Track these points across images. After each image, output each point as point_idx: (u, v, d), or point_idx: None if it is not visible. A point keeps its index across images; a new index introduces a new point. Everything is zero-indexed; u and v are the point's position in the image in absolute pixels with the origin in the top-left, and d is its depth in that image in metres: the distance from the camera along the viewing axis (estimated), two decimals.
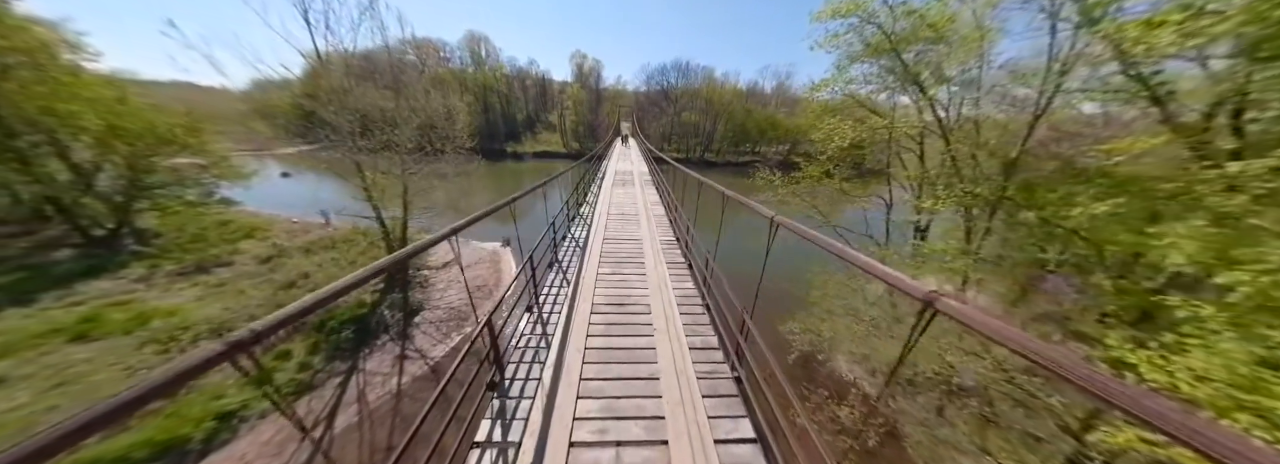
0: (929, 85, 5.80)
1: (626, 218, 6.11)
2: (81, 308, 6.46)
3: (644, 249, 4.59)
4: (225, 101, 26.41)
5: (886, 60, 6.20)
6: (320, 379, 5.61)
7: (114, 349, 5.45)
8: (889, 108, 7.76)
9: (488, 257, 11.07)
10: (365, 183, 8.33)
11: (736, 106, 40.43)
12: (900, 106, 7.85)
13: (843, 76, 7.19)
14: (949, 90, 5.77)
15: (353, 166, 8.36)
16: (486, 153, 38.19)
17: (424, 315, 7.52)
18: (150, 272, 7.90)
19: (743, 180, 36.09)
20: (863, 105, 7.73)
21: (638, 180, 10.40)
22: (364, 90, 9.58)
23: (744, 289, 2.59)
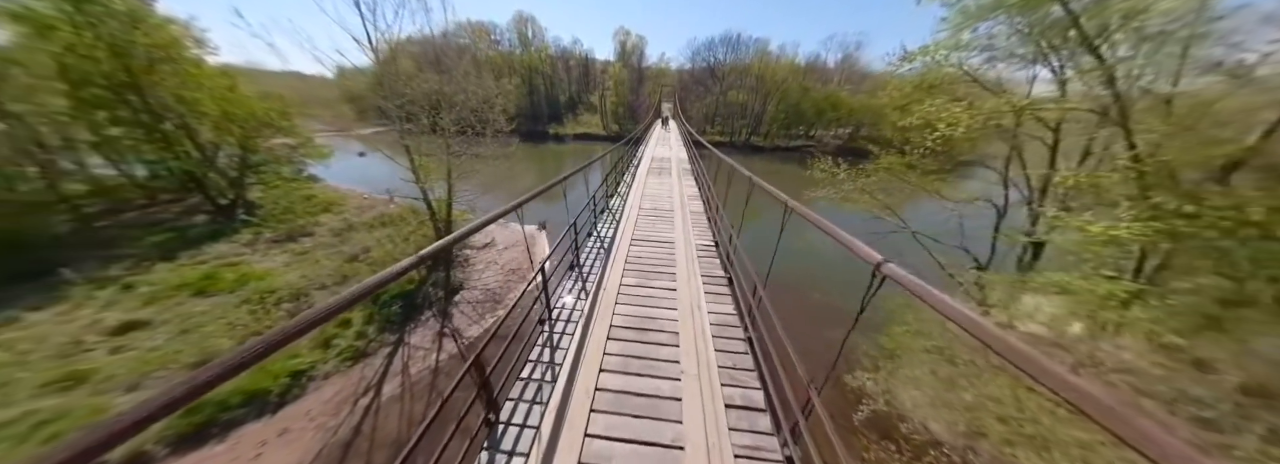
0: (1105, 47, 4.00)
1: (660, 214, 5.44)
2: (204, 266, 7.74)
3: (676, 256, 4.02)
4: (322, 88, 29.92)
5: (1027, 16, 4.45)
6: (372, 348, 6.13)
7: (222, 305, 6.43)
8: (997, 84, 5.80)
9: (524, 239, 11.29)
10: (413, 165, 8.65)
11: (792, 84, 35.77)
12: (1014, 83, 5.91)
13: (952, 41, 5.45)
14: (1127, 56, 3.96)
15: (408, 148, 8.74)
16: (530, 135, 39.37)
17: (463, 295, 7.88)
18: (254, 238, 9.23)
19: (791, 168, 32.85)
20: (976, 80, 5.93)
21: (675, 168, 9.48)
22: (412, 76, 9.74)
23: (807, 328, 1.99)
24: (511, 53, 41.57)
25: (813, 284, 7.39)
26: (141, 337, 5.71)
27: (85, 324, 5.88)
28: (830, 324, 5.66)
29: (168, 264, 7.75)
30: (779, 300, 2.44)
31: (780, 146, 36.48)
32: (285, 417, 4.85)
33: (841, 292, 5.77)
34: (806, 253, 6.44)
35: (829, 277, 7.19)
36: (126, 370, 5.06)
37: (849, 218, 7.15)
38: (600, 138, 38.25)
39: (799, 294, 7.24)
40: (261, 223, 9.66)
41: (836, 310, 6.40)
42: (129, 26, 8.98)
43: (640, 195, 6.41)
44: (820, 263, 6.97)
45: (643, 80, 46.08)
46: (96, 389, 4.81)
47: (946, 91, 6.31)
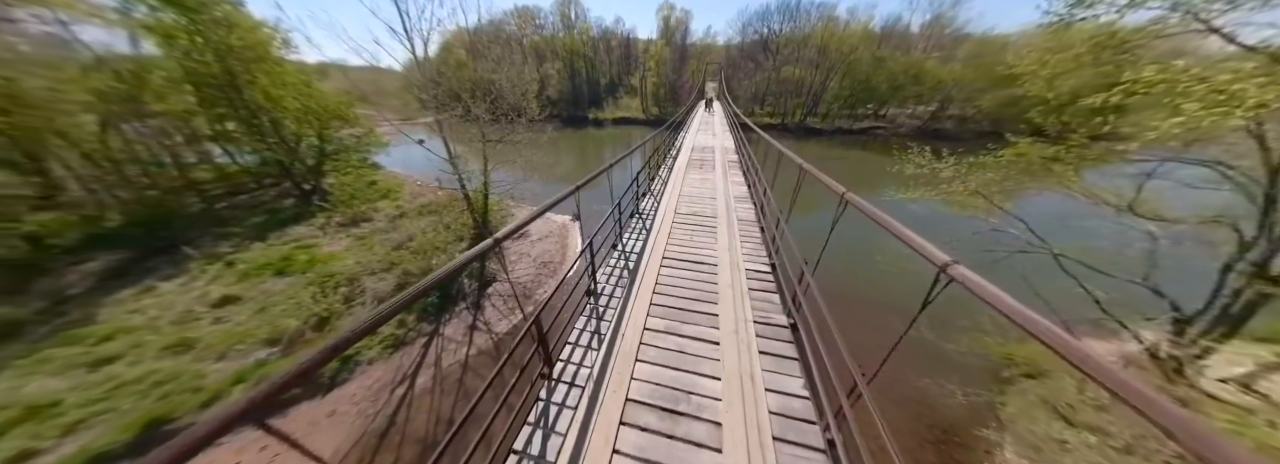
0: None
1: (699, 222, 4.38)
2: (285, 248, 8.66)
3: (720, 290, 2.87)
4: (391, 79, 32.63)
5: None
6: (410, 337, 6.31)
7: (293, 285, 7.07)
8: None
9: (556, 230, 11.06)
10: (449, 155, 8.60)
11: (862, 54, 30.15)
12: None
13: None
14: None
15: (457, 135, 8.73)
16: (570, 120, 39.27)
17: (495, 288, 7.85)
18: (325, 222, 10.17)
19: (855, 153, 28.50)
20: (1217, 33, 3.76)
21: (719, 160, 8.09)
22: (446, 66, 9.50)
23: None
24: (554, 36, 40.89)
25: (882, 298, 6.02)
26: (234, 311, 6.49)
27: (197, 295, 6.85)
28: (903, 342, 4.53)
29: (260, 244, 8.81)
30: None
31: (842, 129, 31.59)
32: (334, 399, 5.15)
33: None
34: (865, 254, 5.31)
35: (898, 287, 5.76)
36: (218, 342, 5.75)
37: (941, 228, 5.48)
38: (639, 122, 36.74)
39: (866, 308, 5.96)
40: (331, 208, 10.60)
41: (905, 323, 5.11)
42: (226, 31, 9.92)
43: (676, 196, 5.40)
44: (884, 273, 5.59)
45: (685, 58, 42.70)
46: (197, 356, 5.53)
47: (1120, 49, 4.19)
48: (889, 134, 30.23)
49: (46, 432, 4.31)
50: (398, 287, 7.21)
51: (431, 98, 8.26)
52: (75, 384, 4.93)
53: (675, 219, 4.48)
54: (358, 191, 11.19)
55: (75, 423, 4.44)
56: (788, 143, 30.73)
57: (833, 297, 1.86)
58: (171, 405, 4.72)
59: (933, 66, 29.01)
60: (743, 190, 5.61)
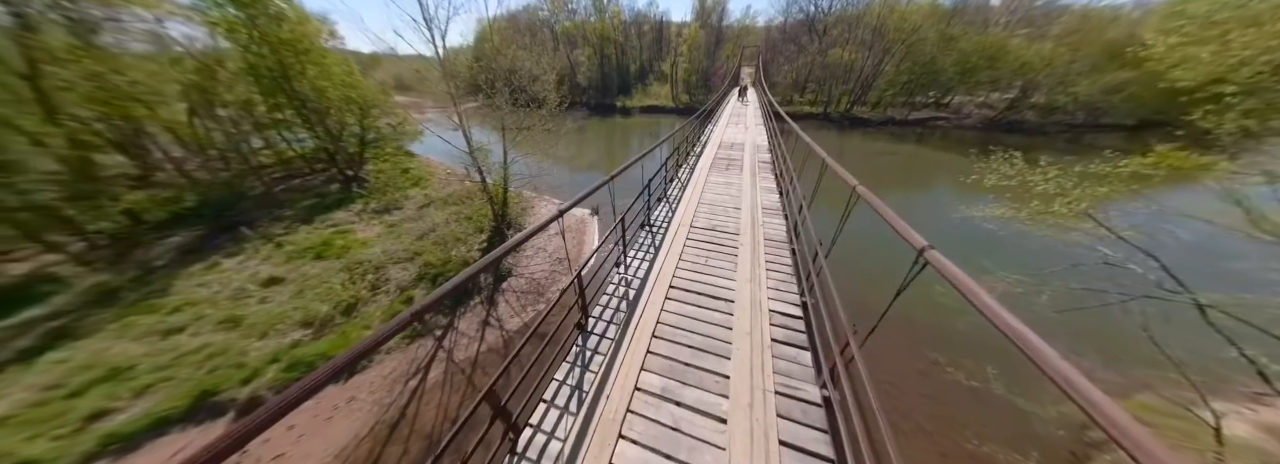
0: None
1: (717, 241, 3.67)
2: (326, 232, 9.23)
3: (734, 339, 2.24)
4: (434, 68, 33.88)
5: None
6: (426, 329, 6.44)
7: (327, 270, 7.49)
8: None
9: (574, 224, 10.87)
10: (469, 146, 8.51)
11: (928, 33, 25.99)
12: None
13: None
14: None
15: (487, 125, 8.68)
16: (599, 108, 38.58)
17: (510, 282, 7.83)
18: (363, 208, 10.72)
19: (908, 147, 25.17)
20: None
21: (748, 160, 7.12)
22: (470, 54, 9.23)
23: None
24: (585, 22, 39.68)
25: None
26: (277, 290, 7.00)
27: (250, 275, 7.47)
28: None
29: (306, 227, 9.46)
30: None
31: (894, 119, 28.02)
32: (354, 385, 5.39)
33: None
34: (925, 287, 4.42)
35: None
36: (262, 321, 6.21)
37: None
38: (668, 111, 35.25)
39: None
40: (368, 195, 11.13)
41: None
42: (278, 24, 10.39)
43: (694, 203, 4.70)
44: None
45: (721, 42, 39.74)
46: (243, 334, 6.02)
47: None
48: (952, 126, 26.38)
49: (122, 392, 4.89)
50: (417, 277, 7.39)
51: (451, 88, 8.10)
52: (148, 350, 5.55)
53: (689, 234, 3.88)
54: (391, 180, 11.66)
55: (144, 387, 4.99)
56: (829, 134, 28.01)
57: (885, 352, 1.29)
58: (218, 379, 5.16)
59: (1017, 46, 24.44)
60: (774, 199, 4.82)
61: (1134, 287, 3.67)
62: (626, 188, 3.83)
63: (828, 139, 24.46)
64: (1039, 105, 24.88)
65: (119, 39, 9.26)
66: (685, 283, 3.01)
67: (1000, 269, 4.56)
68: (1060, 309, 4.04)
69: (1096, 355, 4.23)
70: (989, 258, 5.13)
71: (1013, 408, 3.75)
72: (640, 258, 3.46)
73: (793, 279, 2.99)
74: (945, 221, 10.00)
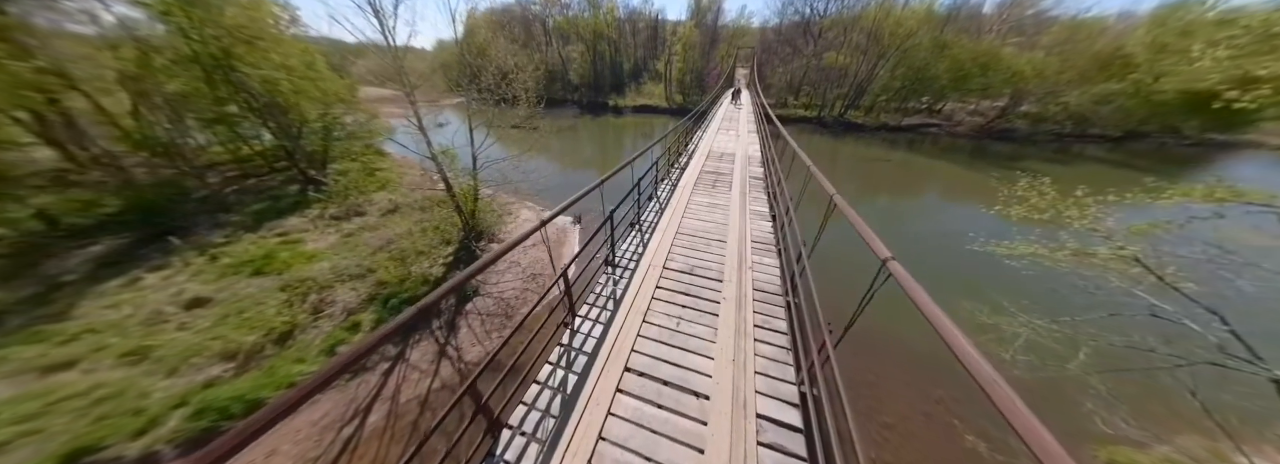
0: None
1: (694, 293, 2.88)
2: (272, 242, 8.22)
3: (707, 458, 1.58)
4: (420, 61, 32.28)
5: None
6: (372, 361, 5.61)
7: (262, 290, 6.54)
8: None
9: (554, 235, 10.06)
10: (430, 149, 7.61)
11: (923, 38, 25.74)
12: None
13: None
14: None
15: (422, 129, 7.74)
16: (591, 107, 37.52)
17: (475, 303, 7.01)
18: (320, 213, 9.70)
19: (900, 154, 25.09)
20: None
21: (738, 174, 6.28)
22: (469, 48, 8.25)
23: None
24: (578, 17, 38.39)
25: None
26: (201, 315, 6.04)
27: (173, 293, 6.48)
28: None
29: (251, 236, 8.43)
30: None
31: (887, 125, 27.86)
32: (278, 435, 4.55)
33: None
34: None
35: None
36: (175, 354, 5.28)
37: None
38: (661, 111, 34.41)
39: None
40: (327, 198, 10.09)
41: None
42: (219, 9, 9.21)
43: (671, 234, 3.85)
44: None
45: (716, 42, 38.99)
46: (149, 369, 5.09)
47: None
48: (944, 133, 26.32)
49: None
50: (367, 299, 6.51)
51: (407, 82, 7.17)
52: (16, 394, 4.59)
53: (660, 281, 3.07)
54: (355, 182, 10.61)
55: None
56: (824, 140, 27.62)
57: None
58: (103, 431, 4.25)
59: (1009, 54, 24.40)
60: (766, 228, 4.04)
61: (1186, 346, 3.10)
62: (616, 194, 3.37)
63: (822, 144, 24.05)
64: (1030, 114, 24.98)
65: (52, 18, 8.03)
66: (647, 362, 2.23)
67: (1022, 312, 3.96)
68: (1099, 370, 3.45)
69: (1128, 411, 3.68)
70: (1006, 293, 4.51)
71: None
72: (595, 319, 2.66)
73: (788, 360, 2.21)
74: (950, 242, 9.51)
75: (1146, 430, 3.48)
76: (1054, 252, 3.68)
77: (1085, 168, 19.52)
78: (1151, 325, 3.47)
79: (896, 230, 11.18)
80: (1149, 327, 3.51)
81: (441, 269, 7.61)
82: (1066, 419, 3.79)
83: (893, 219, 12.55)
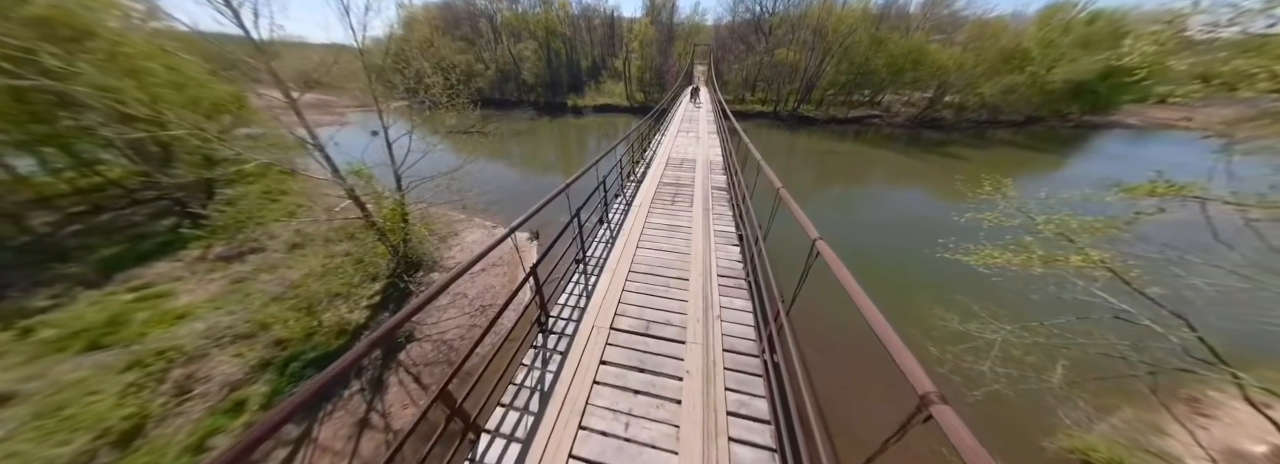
0: None
1: (648, 372, 2.22)
2: (123, 299, 6.31)
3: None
4: (355, 61, 28.30)
5: None
6: (262, 453, 4.31)
7: (99, 372, 4.86)
8: None
9: (508, 255, 8.89)
10: (331, 164, 6.21)
11: (861, 35, 27.18)
12: None
13: None
14: None
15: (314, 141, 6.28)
16: (549, 107, 35.61)
17: (409, 351, 5.81)
18: (203, 253, 7.74)
19: (849, 146, 26.76)
20: None
21: (700, 185, 5.57)
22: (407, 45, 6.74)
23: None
24: (528, 13, 36.00)
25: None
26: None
27: None
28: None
29: (92, 294, 6.41)
30: None
31: (836, 118, 29.32)
32: None
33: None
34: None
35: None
36: None
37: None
38: (623, 110, 33.46)
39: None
40: (211, 234, 8.09)
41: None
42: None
43: (625, 269, 3.17)
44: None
45: (672, 39, 38.57)
46: None
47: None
48: (884, 124, 28.25)
49: None
50: (259, 365, 5.09)
51: (279, 80, 5.71)
52: None
53: (605, 353, 2.34)
54: (250, 211, 8.60)
55: None
56: (781, 134, 28.42)
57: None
58: None
59: (934, 50, 26.58)
60: (734, 255, 3.37)
61: (1150, 347, 3.01)
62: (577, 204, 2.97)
63: (780, 139, 24.69)
64: (953, 104, 27.59)
65: None
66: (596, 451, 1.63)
67: (996, 321, 3.75)
68: (1072, 382, 3.28)
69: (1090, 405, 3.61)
70: (977, 297, 4.33)
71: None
72: (526, 402, 1.96)
73: (770, 441, 1.66)
74: (902, 230, 9.95)
75: (1104, 420, 3.57)
76: (1020, 256, 3.48)
77: (999, 150, 22.31)
78: (1114, 327, 3.34)
79: (853, 219, 11.52)
80: (1112, 328, 3.38)
81: (365, 313, 6.27)
82: (1037, 417, 3.67)
83: (848, 207, 13.13)
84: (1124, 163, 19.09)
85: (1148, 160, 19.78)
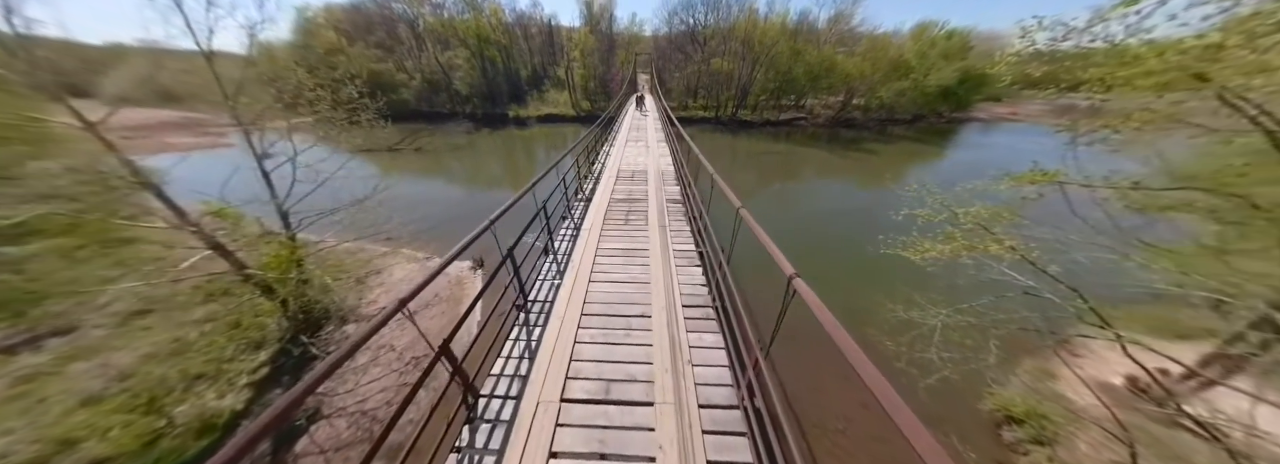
0: None
1: (613, 432, 1.83)
2: None
3: None
4: (238, 70, 22.99)
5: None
6: None
7: None
8: None
9: (446, 291, 7.65)
10: (173, 208, 4.73)
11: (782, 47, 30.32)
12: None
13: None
14: None
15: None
16: (488, 119, 33.36)
17: (314, 434, 4.49)
18: None
19: (783, 146, 29.56)
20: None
21: (654, 199, 5.10)
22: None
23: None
24: (455, 19, 33.57)
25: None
26: None
27: None
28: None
29: None
30: None
31: (770, 121, 32.12)
32: None
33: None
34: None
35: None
36: None
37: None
38: (569, 119, 32.67)
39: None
40: None
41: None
42: None
43: (577, 311, 2.67)
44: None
45: (613, 48, 39.02)
46: None
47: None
48: (809, 125, 31.70)
49: None
50: None
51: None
52: None
53: (559, 431, 1.86)
54: (49, 276, 6.11)
55: None
56: (724, 137, 30.18)
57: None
58: None
59: (841, 60, 30.67)
60: (697, 277, 3.03)
61: (1058, 319, 3.47)
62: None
63: (723, 142, 26.20)
64: (860, 106, 32.07)
65: None
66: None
67: (932, 304, 4.02)
68: (999, 355, 3.63)
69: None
70: (909, 284, 4.65)
71: None
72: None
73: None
74: (833, 218, 10.93)
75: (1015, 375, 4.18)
76: (949, 245, 3.79)
77: (898, 144, 26.57)
78: (1027, 303, 3.70)
79: (792, 213, 12.43)
80: (1022, 302, 3.75)
81: (244, 395, 4.77)
82: (974, 387, 4.00)
83: (791, 200, 14.28)
84: (982, 149, 24.14)
85: (996, 145, 25.50)
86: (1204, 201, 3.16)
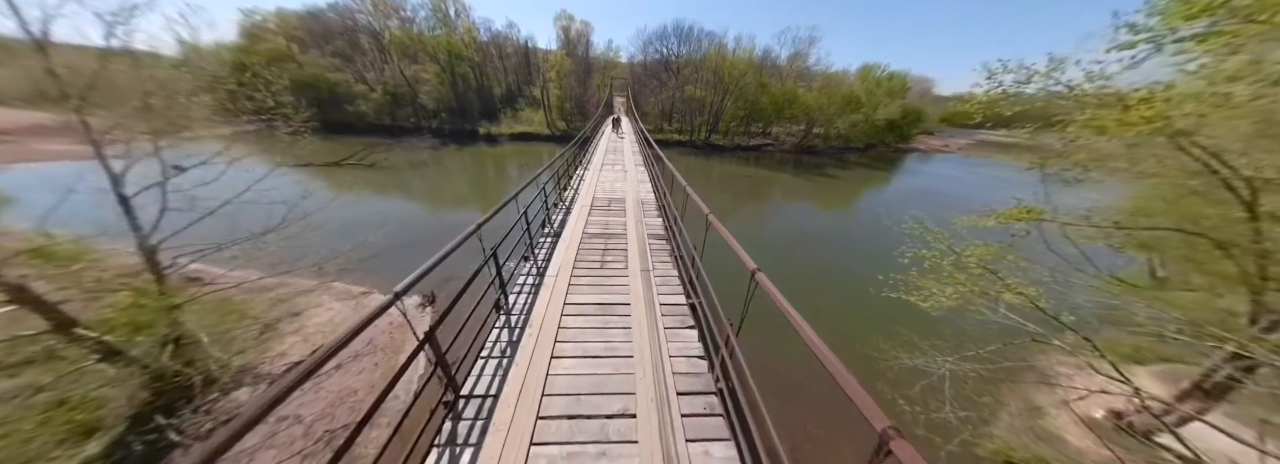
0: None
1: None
2: None
3: None
4: (167, 73, 19.70)
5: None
6: None
7: None
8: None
9: (383, 339, 6.28)
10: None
11: (749, 79, 33.12)
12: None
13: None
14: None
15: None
16: (456, 135, 32.06)
17: None
18: None
19: (752, 170, 31.36)
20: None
21: (634, 234, 4.46)
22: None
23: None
24: (425, 34, 32.97)
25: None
26: None
27: None
28: None
29: None
30: None
31: (741, 146, 34.24)
32: None
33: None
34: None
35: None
36: None
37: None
38: (543, 138, 32.32)
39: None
40: None
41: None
42: None
43: (531, 401, 1.79)
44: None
45: (590, 71, 40.22)
46: None
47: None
48: (776, 150, 34.22)
49: None
50: None
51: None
52: None
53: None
54: None
55: None
56: (698, 161, 31.37)
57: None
58: None
59: (802, 93, 34.05)
60: (693, 352, 2.29)
61: (1067, 365, 3.29)
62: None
63: (697, 165, 27.25)
64: (821, 135, 35.36)
65: None
66: None
67: (940, 353, 3.73)
68: (1000, 397, 3.33)
69: None
70: (916, 332, 4.36)
71: None
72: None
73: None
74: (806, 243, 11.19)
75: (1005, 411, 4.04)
76: (962, 289, 3.59)
77: (855, 170, 29.30)
78: (1034, 349, 3.52)
79: (765, 232, 12.63)
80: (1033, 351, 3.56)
81: None
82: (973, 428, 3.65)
83: (765, 220, 14.70)
84: (924, 177, 27.43)
85: (935, 173, 29.24)
86: (1175, 239, 3.27)
